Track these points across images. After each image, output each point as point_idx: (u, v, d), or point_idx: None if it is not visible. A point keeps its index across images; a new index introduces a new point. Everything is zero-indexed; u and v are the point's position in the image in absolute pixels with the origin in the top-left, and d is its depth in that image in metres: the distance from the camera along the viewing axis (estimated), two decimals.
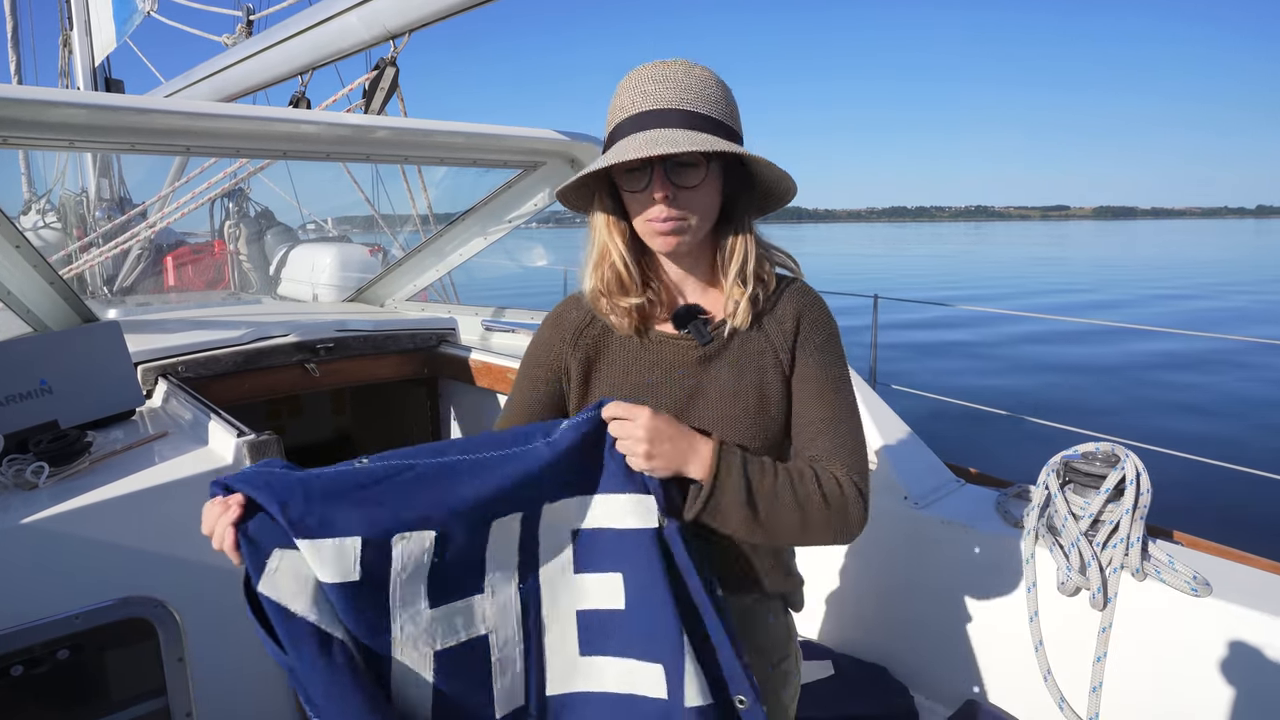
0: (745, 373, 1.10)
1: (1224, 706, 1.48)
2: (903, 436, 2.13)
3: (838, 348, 1.13)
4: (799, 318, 1.11)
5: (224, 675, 1.63)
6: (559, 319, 1.18)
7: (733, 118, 1.06)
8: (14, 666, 1.38)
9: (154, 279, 6.51)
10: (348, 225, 8.04)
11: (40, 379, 1.86)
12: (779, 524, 1.01)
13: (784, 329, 1.11)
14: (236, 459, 1.66)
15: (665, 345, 1.13)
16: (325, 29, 3.40)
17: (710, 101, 1.03)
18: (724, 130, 1.03)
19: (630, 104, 1.03)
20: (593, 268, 1.12)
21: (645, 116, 1.01)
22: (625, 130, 1.03)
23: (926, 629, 1.95)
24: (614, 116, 1.06)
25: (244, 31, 4.82)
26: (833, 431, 1.08)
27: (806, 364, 1.10)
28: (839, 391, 1.10)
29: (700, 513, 0.99)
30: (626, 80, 1.06)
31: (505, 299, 3.81)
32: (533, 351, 1.20)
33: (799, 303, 1.13)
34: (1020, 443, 6.88)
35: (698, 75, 1.04)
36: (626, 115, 1.03)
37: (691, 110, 1.01)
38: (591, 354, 1.15)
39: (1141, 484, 1.65)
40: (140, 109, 1.85)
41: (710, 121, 1.02)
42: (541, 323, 1.21)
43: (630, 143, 1.00)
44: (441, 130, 2.35)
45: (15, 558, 1.41)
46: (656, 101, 1.01)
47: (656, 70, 1.04)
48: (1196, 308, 20.07)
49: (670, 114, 1.01)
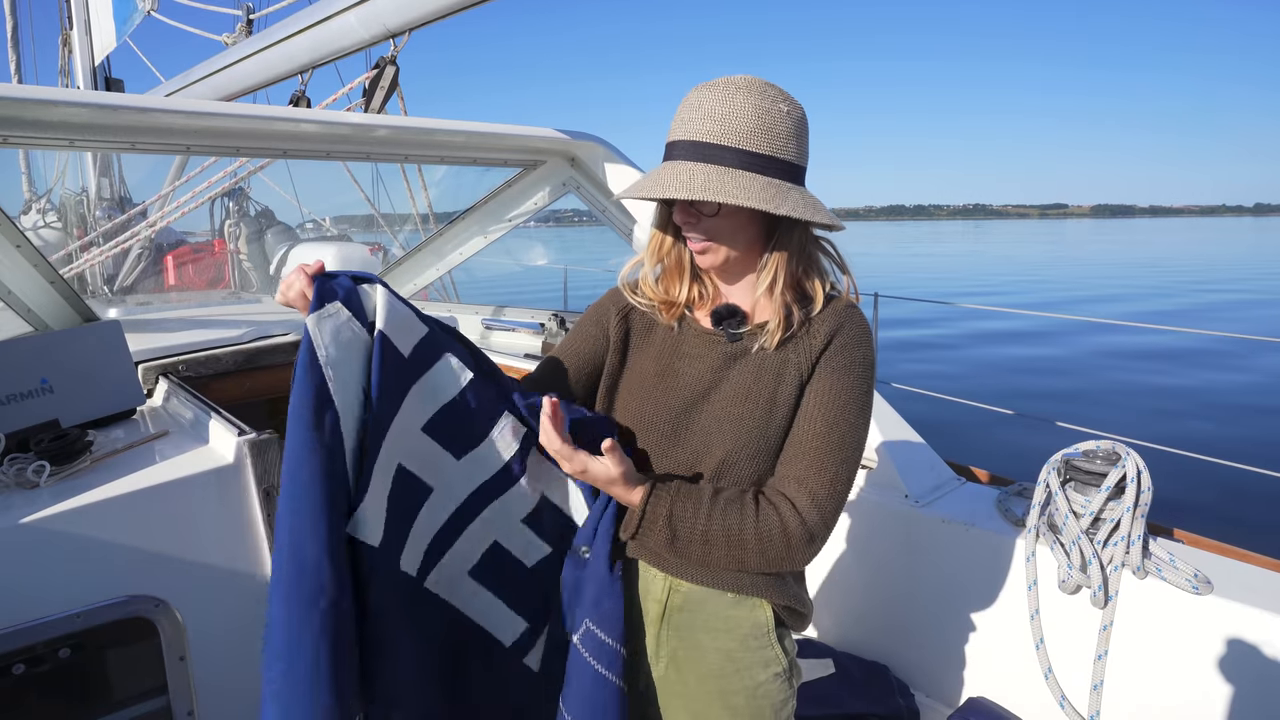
0: (763, 378, 1.11)
1: (1225, 704, 1.48)
2: (904, 435, 2.13)
3: (863, 376, 1.10)
4: (831, 336, 1.10)
5: (226, 673, 1.63)
6: (617, 294, 1.26)
7: (770, 143, 1.03)
8: (16, 665, 1.38)
9: (154, 278, 6.52)
10: (348, 224, 8.04)
11: (41, 378, 1.86)
12: (713, 559, 1.08)
13: (813, 344, 1.11)
14: (237, 458, 1.67)
15: (698, 337, 1.18)
16: (325, 28, 3.40)
17: (742, 133, 1.02)
18: (754, 160, 1.02)
19: (676, 128, 1.08)
20: (650, 253, 1.20)
21: (676, 147, 1.07)
22: (667, 154, 1.09)
23: (928, 627, 1.95)
24: (670, 133, 1.11)
25: (244, 31, 4.81)
26: (815, 455, 1.06)
27: (820, 381, 1.09)
28: (842, 416, 1.07)
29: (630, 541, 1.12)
30: (686, 98, 1.09)
31: (505, 298, 3.81)
32: (592, 310, 1.28)
33: (836, 322, 1.11)
34: (1021, 441, 6.88)
35: (736, 104, 1.02)
36: (670, 138, 1.09)
37: (712, 143, 1.03)
38: (633, 331, 1.23)
39: (1142, 482, 1.65)
40: (140, 108, 1.85)
41: (733, 153, 1.02)
42: (605, 293, 1.30)
43: (652, 174, 1.07)
44: (442, 129, 2.35)
45: (17, 556, 1.41)
46: (688, 132, 1.05)
47: (698, 95, 1.06)
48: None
49: (691, 146, 1.05)
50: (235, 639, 1.64)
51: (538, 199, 2.98)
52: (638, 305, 1.22)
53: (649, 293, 1.21)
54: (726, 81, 1.05)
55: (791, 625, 1.19)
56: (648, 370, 1.19)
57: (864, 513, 2.05)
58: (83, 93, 3.74)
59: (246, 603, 1.66)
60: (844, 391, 1.08)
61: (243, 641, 1.66)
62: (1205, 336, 12.57)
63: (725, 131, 1.02)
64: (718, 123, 1.03)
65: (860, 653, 2.04)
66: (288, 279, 1.03)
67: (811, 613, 1.21)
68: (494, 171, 2.91)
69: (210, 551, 1.63)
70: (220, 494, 1.65)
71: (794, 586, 1.18)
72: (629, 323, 1.23)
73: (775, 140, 1.03)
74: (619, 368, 1.23)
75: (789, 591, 1.16)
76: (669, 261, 1.18)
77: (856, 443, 1.08)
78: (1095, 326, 14.95)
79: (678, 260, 1.18)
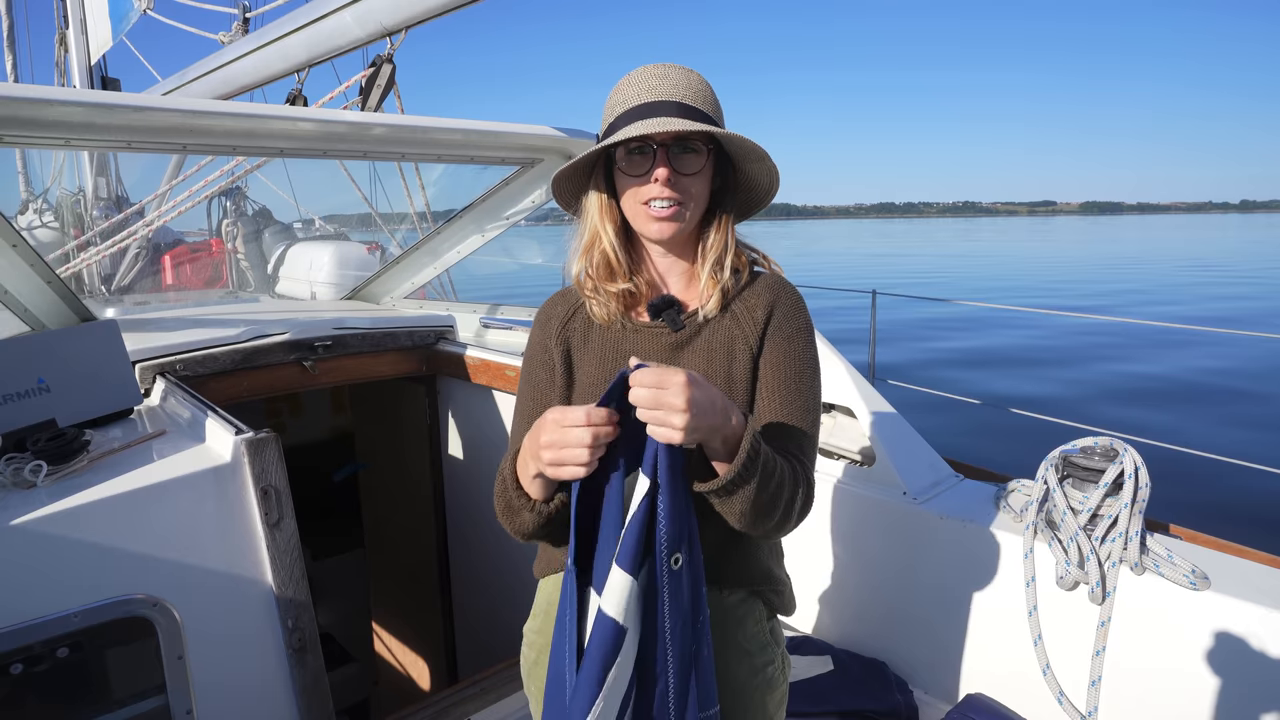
0: (715, 360, 1.13)
1: (1222, 699, 1.48)
2: (902, 432, 2.13)
3: (808, 340, 1.16)
4: (771, 307, 1.15)
5: (224, 673, 1.63)
6: (545, 319, 1.23)
7: (721, 119, 1.13)
8: (14, 665, 1.38)
9: (152, 278, 6.50)
10: (345, 223, 8.03)
11: (38, 378, 1.86)
12: (763, 520, 1.02)
13: (755, 318, 1.14)
14: (235, 457, 1.66)
15: (640, 334, 1.17)
16: (321, 26, 3.39)
17: (708, 102, 1.11)
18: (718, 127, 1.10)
19: (634, 96, 1.09)
20: (583, 252, 1.18)
21: (649, 107, 1.07)
22: (627, 119, 1.07)
23: (926, 624, 1.95)
24: (612, 109, 1.11)
25: (240, 29, 4.80)
26: (787, 425, 1.10)
27: (774, 352, 1.13)
28: (801, 384, 1.12)
29: (713, 494, 0.98)
30: (626, 79, 1.12)
31: (503, 296, 3.81)
32: (529, 356, 1.24)
33: (772, 294, 1.17)
34: (1019, 437, 6.90)
35: (695, 78, 1.11)
36: (629, 106, 1.09)
37: (692, 105, 1.08)
38: (572, 344, 1.20)
39: (1140, 478, 1.65)
40: (137, 107, 1.84)
41: (708, 118, 1.09)
42: (531, 326, 1.26)
43: (635, 125, 1.05)
44: (438, 127, 2.34)
45: (14, 556, 1.41)
46: (659, 95, 1.08)
47: (655, 69, 1.11)
48: None
49: (673, 105, 1.07)
50: (234, 637, 1.64)
51: (535, 197, 2.97)
52: (585, 300, 1.18)
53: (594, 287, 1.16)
54: (670, 64, 1.11)
55: (780, 609, 1.21)
56: (595, 376, 1.16)
57: (862, 509, 2.06)
58: (79, 91, 3.73)
59: (244, 602, 1.66)
60: (797, 359, 1.13)
61: (241, 640, 1.66)
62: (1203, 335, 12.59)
63: (695, 97, 1.09)
64: (688, 90, 1.09)
65: (858, 649, 2.04)
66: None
67: (793, 595, 1.23)
68: (491, 170, 2.90)
69: (208, 551, 1.63)
70: (218, 493, 1.65)
71: (777, 570, 1.22)
72: (564, 341, 1.20)
73: (721, 115, 1.13)
74: (570, 387, 1.20)
75: (775, 576, 1.20)
76: (610, 250, 1.15)
77: (817, 404, 1.14)
78: (1096, 325, 14.96)
79: (614, 249, 1.15)
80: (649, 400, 0.88)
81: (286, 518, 1.70)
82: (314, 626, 1.73)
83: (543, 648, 1.23)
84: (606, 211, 1.15)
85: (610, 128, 1.10)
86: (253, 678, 1.68)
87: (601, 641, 0.94)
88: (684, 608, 0.98)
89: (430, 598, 3.29)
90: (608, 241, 1.15)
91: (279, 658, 1.69)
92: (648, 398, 0.88)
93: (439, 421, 3.13)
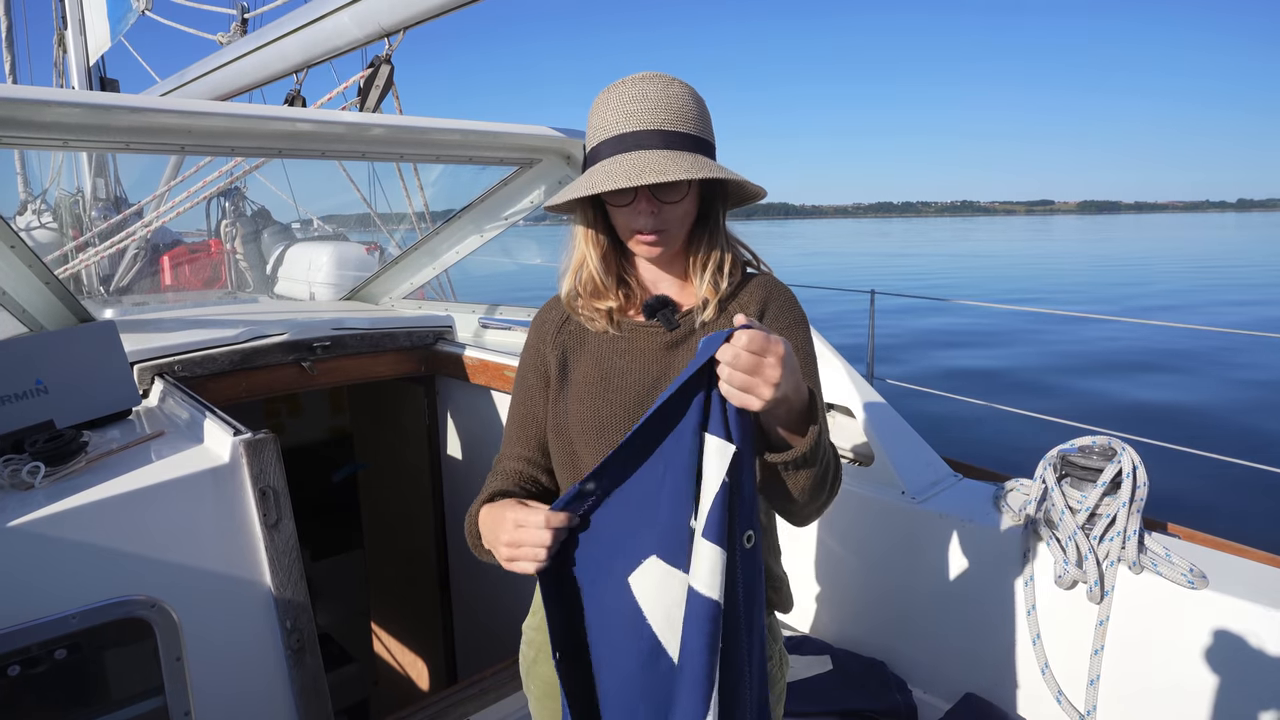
0: None
1: (1221, 698, 1.48)
2: (900, 431, 2.13)
3: (805, 333, 1.16)
4: (765, 303, 1.16)
5: (223, 674, 1.63)
6: (540, 323, 1.24)
7: (708, 130, 1.10)
8: (11, 666, 1.38)
9: (150, 278, 6.50)
10: (343, 224, 8.02)
11: (36, 379, 1.86)
12: (819, 492, 1.02)
13: (749, 314, 1.13)
14: (233, 458, 1.66)
15: (635, 334, 1.17)
16: (320, 27, 3.40)
17: (689, 119, 1.07)
18: (702, 146, 1.07)
19: (613, 124, 1.06)
20: (571, 273, 1.18)
21: (628, 138, 1.05)
22: (608, 150, 1.06)
23: (924, 623, 1.95)
24: (594, 135, 1.09)
25: (238, 30, 4.80)
26: None
27: None
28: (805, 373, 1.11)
29: (786, 465, 0.97)
30: (605, 97, 1.09)
31: (502, 296, 3.81)
32: (523, 360, 1.25)
33: (765, 291, 1.18)
34: (1017, 437, 6.90)
35: (675, 92, 1.07)
36: (609, 135, 1.06)
37: (672, 130, 1.05)
38: (568, 348, 1.20)
39: (1138, 477, 1.66)
40: (135, 108, 1.84)
41: (689, 139, 1.06)
42: (528, 332, 1.26)
43: (617, 165, 1.03)
44: (437, 128, 2.34)
45: (11, 558, 1.41)
46: (638, 122, 1.05)
47: (635, 88, 1.06)
48: None
49: (653, 135, 1.04)
50: (232, 638, 1.64)
51: (533, 197, 2.98)
52: (575, 317, 1.19)
53: (584, 304, 1.18)
54: (651, 76, 1.08)
55: (777, 605, 1.22)
56: (591, 376, 1.16)
57: (861, 509, 2.06)
58: (78, 92, 3.73)
59: (243, 603, 1.66)
60: (797, 350, 1.12)
61: (239, 641, 1.66)
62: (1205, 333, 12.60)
63: (676, 118, 1.05)
64: (669, 111, 1.05)
65: (857, 649, 2.04)
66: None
67: (791, 593, 1.24)
68: (489, 170, 2.90)
69: (206, 552, 1.63)
70: (216, 494, 1.65)
71: (775, 567, 1.22)
72: (559, 345, 1.20)
73: (705, 124, 1.10)
74: (562, 390, 1.19)
75: (773, 572, 1.20)
76: (596, 274, 1.15)
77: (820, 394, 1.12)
78: (1094, 323, 14.97)
79: (605, 267, 1.16)
80: (749, 365, 0.86)
81: (285, 518, 1.70)
82: (313, 627, 1.73)
83: (542, 645, 1.23)
84: (593, 236, 1.16)
85: (593, 154, 1.09)
86: (251, 679, 1.68)
87: (700, 626, 0.87)
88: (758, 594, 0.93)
89: (429, 598, 3.29)
90: (593, 265, 1.16)
91: (278, 658, 1.69)
92: (748, 362, 0.86)
93: (438, 422, 3.13)
